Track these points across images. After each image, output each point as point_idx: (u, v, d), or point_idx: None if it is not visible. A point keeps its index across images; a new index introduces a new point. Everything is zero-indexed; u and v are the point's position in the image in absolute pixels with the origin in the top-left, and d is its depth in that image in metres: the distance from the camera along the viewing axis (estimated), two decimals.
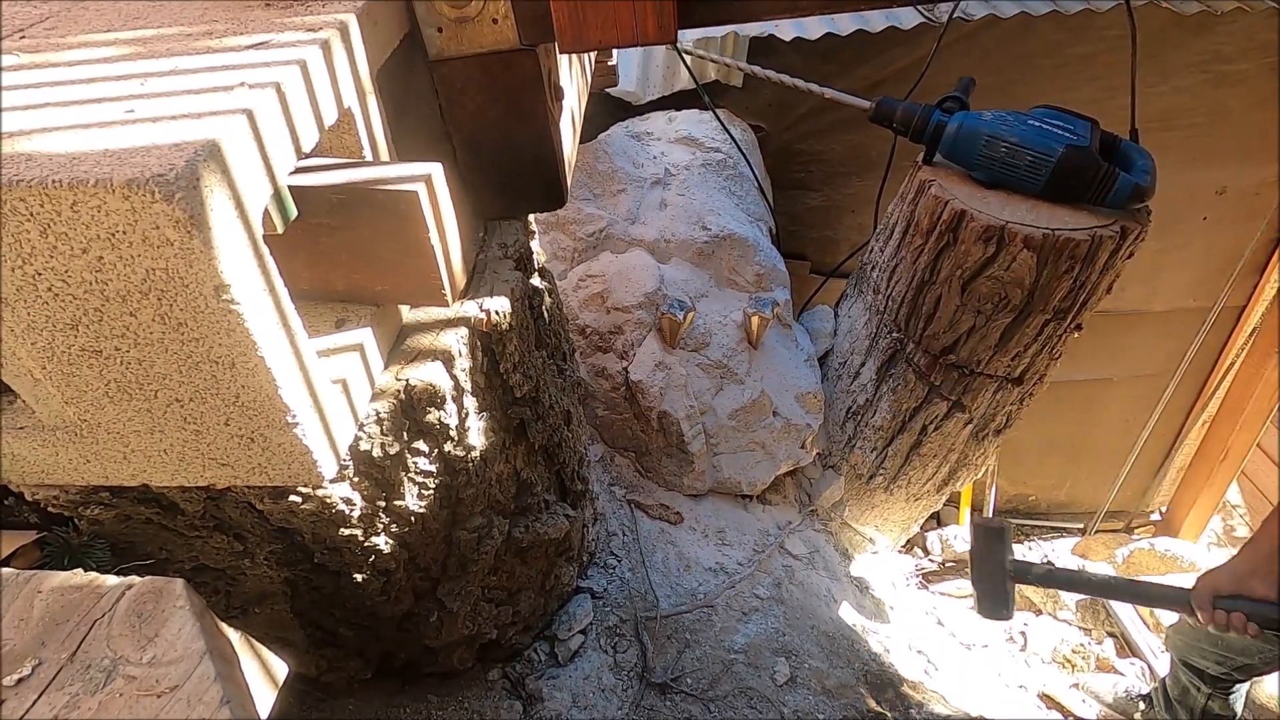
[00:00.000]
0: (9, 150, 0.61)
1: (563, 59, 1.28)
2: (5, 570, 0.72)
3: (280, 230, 0.74)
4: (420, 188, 0.82)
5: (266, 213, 0.70)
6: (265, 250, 0.67)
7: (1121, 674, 2.54)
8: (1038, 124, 1.61)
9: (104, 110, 0.67)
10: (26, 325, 0.66)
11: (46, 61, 0.78)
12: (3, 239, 0.60)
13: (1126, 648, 2.66)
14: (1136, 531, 4.17)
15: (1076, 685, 2.46)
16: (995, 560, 1.56)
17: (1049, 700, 2.41)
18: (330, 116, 0.80)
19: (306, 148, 0.75)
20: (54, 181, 0.57)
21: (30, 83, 0.73)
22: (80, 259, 0.61)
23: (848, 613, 2.10)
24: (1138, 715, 2.21)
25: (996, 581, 1.55)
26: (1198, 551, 3.19)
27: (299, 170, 0.80)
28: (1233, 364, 3.55)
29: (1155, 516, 4.19)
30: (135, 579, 0.67)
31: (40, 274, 0.63)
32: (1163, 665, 2.49)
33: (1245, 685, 1.84)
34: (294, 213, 0.76)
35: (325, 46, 0.78)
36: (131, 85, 0.72)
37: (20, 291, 0.64)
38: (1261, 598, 1.30)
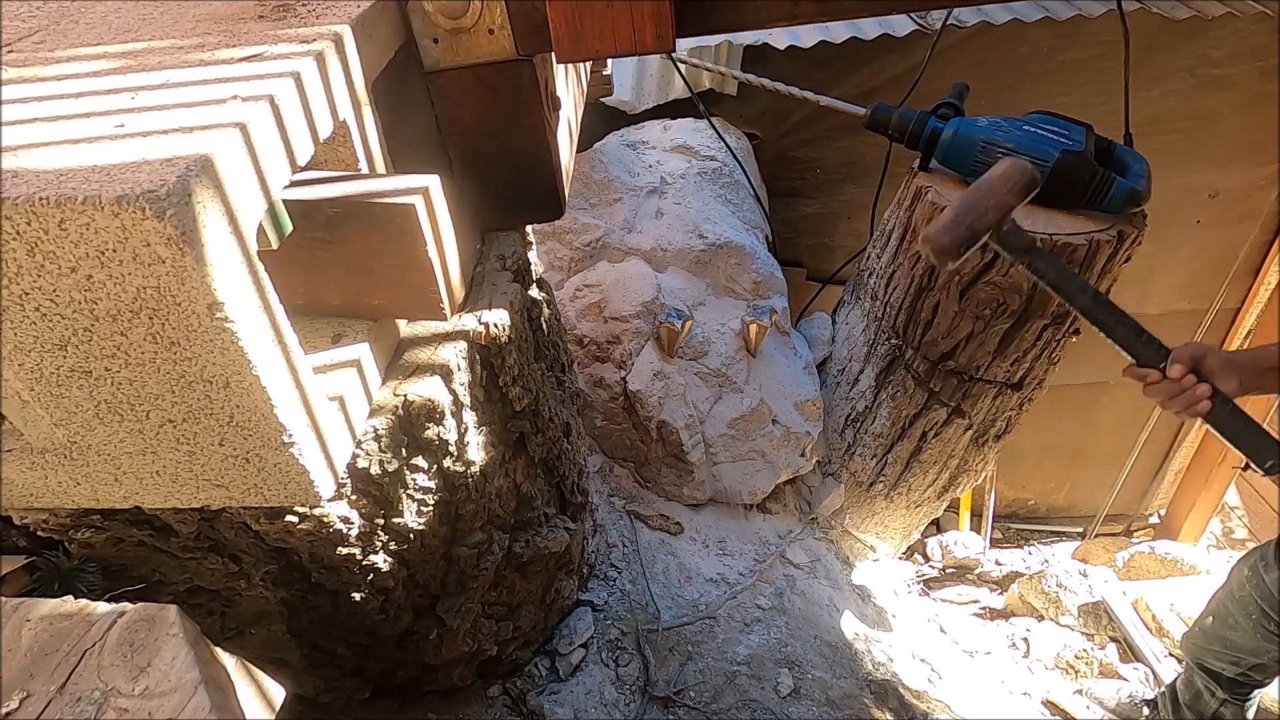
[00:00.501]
0: None
1: (559, 69, 1.27)
2: None
3: (275, 246, 0.72)
4: (417, 200, 0.81)
5: (260, 228, 0.68)
6: (259, 266, 0.66)
7: (1125, 679, 2.52)
8: (1033, 129, 1.61)
9: (93, 125, 0.66)
10: (13, 346, 0.65)
11: (35, 76, 0.76)
12: None
13: (1130, 653, 2.65)
14: (1136, 534, 4.17)
15: (1080, 691, 2.44)
16: (999, 198, 1.13)
17: (1053, 707, 2.39)
18: (325, 129, 0.79)
19: (301, 161, 0.74)
20: (41, 199, 0.56)
21: (17, 98, 0.72)
22: (69, 278, 0.60)
23: (850, 622, 2.08)
24: None
25: (977, 215, 1.13)
26: (1198, 554, 3.18)
27: (294, 184, 0.79)
28: None
29: (1154, 519, 4.19)
30: (127, 606, 0.65)
31: (28, 294, 0.61)
32: (1166, 670, 2.48)
33: (1260, 693, 1.82)
34: (289, 227, 0.75)
35: (319, 58, 0.77)
36: (122, 99, 0.70)
37: (7, 312, 0.62)
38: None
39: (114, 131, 0.64)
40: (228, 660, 0.68)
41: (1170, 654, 2.54)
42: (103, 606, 0.65)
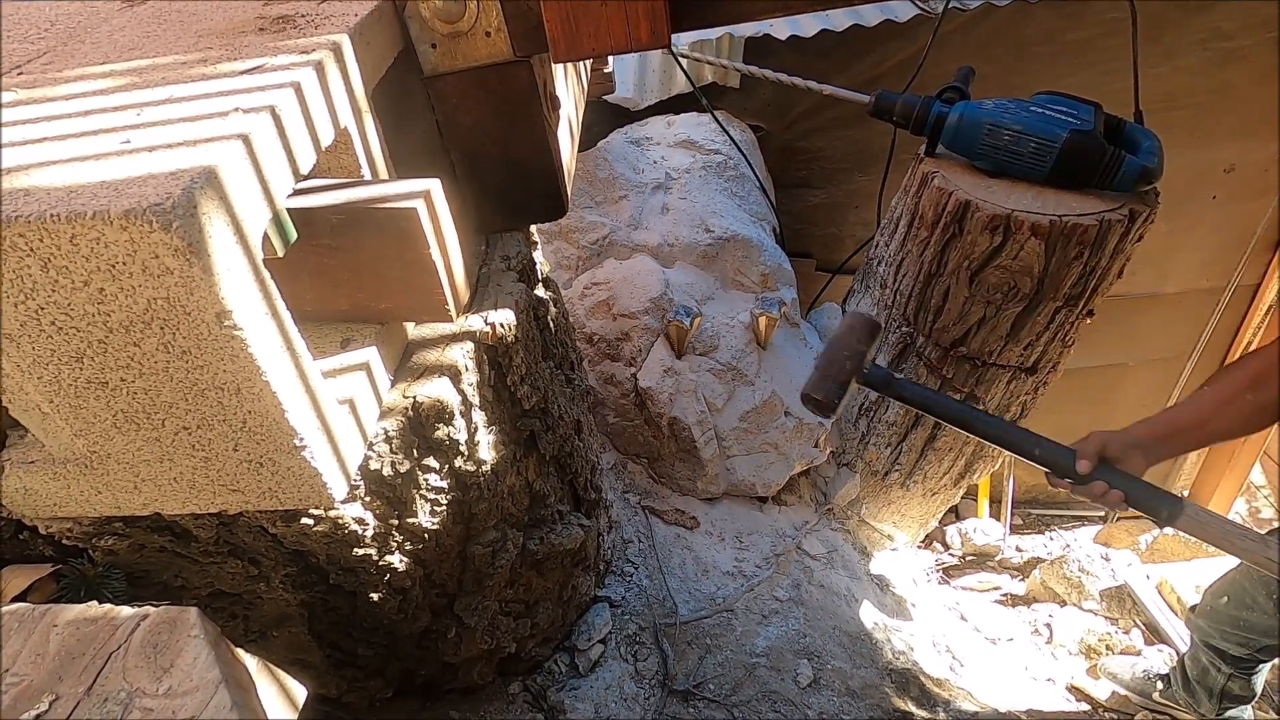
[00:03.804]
0: (8, 186, 0.61)
1: (558, 69, 1.28)
2: (22, 605, 0.72)
3: (280, 253, 0.74)
4: (419, 204, 0.82)
5: (266, 237, 0.70)
6: (266, 274, 0.67)
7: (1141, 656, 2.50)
8: (1040, 110, 1.59)
9: (101, 142, 0.67)
10: (32, 360, 0.66)
11: (44, 96, 0.78)
12: (5, 275, 0.60)
13: (1154, 636, 2.62)
14: None
15: (1094, 666, 2.42)
16: (852, 349, 1.27)
17: (1078, 692, 2.37)
18: (327, 137, 0.80)
19: (304, 169, 0.75)
20: (52, 216, 0.57)
21: (28, 118, 0.73)
22: (82, 291, 0.61)
23: (869, 611, 2.07)
24: (1155, 694, 2.18)
25: (840, 369, 1.26)
26: None
27: (298, 192, 0.80)
28: (1250, 343, 3.49)
29: None
30: (149, 609, 0.67)
31: (43, 308, 0.63)
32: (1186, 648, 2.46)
33: (1267, 665, 1.81)
34: (293, 235, 0.76)
35: (319, 68, 0.78)
36: (128, 116, 0.72)
37: (24, 327, 0.64)
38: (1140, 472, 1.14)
39: (121, 147, 0.66)
40: (249, 660, 0.70)
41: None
42: (126, 610, 0.67)
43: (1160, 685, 2.17)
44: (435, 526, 1.02)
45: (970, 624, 2.53)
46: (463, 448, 1.00)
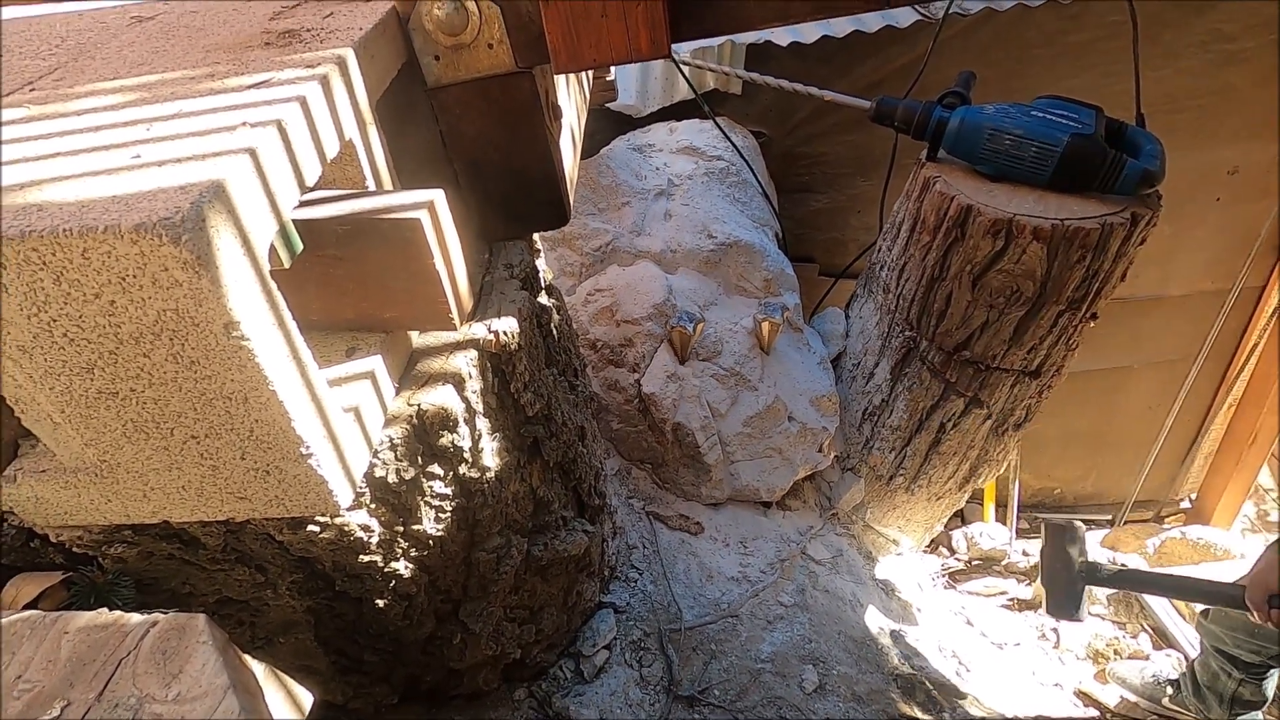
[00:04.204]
0: (21, 202, 0.63)
1: (559, 78, 1.29)
2: (33, 612, 0.73)
3: (286, 264, 0.75)
4: (423, 214, 0.83)
5: (273, 248, 0.71)
6: (273, 285, 0.68)
7: (1149, 660, 2.48)
8: (1041, 114, 1.60)
9: (111, 157, 0.69)
10: (44, 371, 0.68)
11: (55, 112, 0.79)
12: (19, 289, 0.61)
13: (1162, 640, 2.61)
14: (1167, 520, 4.09)
15: (1102, 671, 2.41)
16: (1065, 560, 1.54)
17: (1086, 697, 2.36)
18: (332, 149, 0.82)
19: (310, 181, 0.76)
20: (65, 230, 0.58)
21: (40, 134, 0.75)
22: (93, 304, 0.63)
23: (874, 616, 2.07)
24: (1165, 700, 2.17)
25: (1067, 582, 1.54)
26: (1231, 538, 3.12)
27: (303, 204, 0.82)
28: (1256, 345, 3.48)
29: (1185, 505, 4.11)
30: (159, 616, 0.68)
31: (55, 320, 0.64)
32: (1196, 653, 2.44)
33: (1278, 671, 1.80)
34: (299, 247, 0.77)
35: (324, 82, 0.80)
36: (137, 130, 0.73)
37: (37, 339, 0.65)
38: None
39: (131, 162, 0.67)
40: (256, 667, 0.71)
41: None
42: (136, 617, 0.68)
43: (1170, 690, 2.16)
44: (440, 533, 1.03)
45: (977, 629, 2.52)
46: (467, 454, 1.01)
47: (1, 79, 0.90)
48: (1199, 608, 2.20)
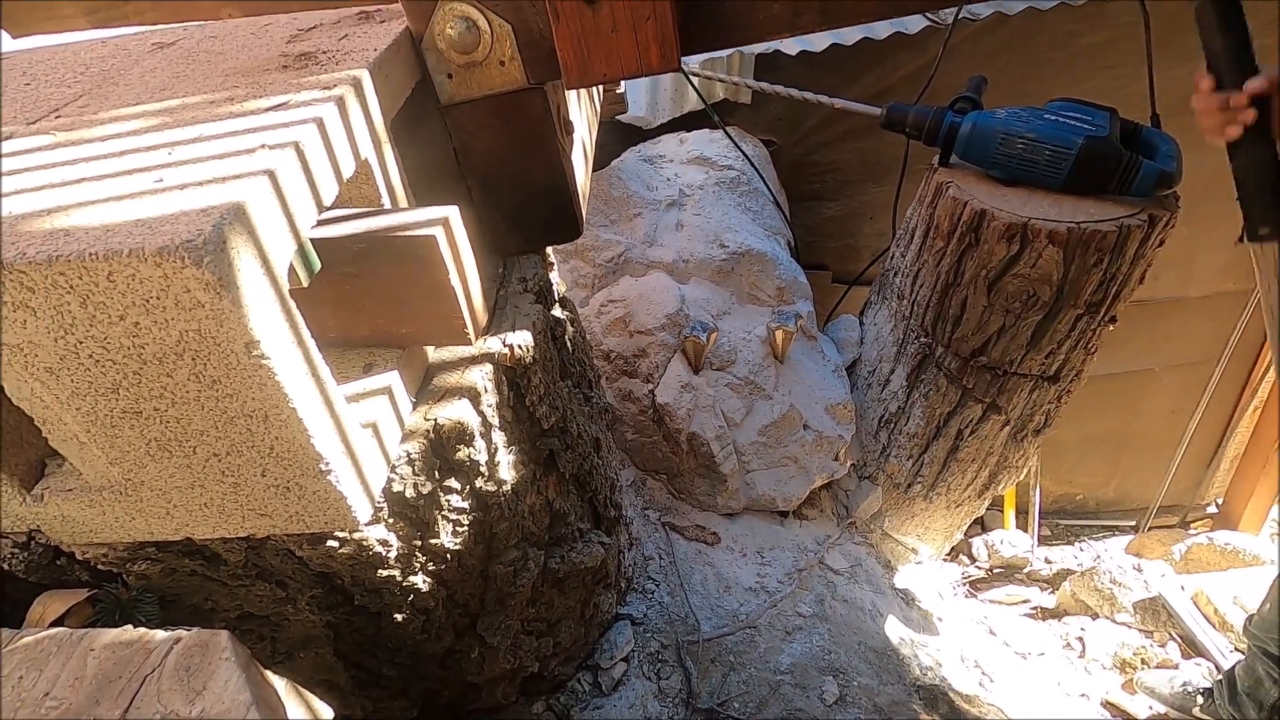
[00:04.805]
0: (49, 227, 0.64)
1: (570, 93, 1.30)
2: (60, 629, 0.74)
3: (305, 283, 0.76)
4: (438, 231, 0.84)
5: (291, 267, 0.72)
6: (292, 304, 0.69)
7: (1178, 669, 2.43)
8: (1054, 117, 1.59)
9: (135, 181, 0.70)
10: (71, 391, 0.69)
11: (81, 139, 0.81)
12: (45, 312, 0.63)
13: (1191, 648, 2.55)
14: (1193, 526, 4.01)
15: (1130, 681, 2.36)
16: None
17: (1114, 708, 2.31)
18: (348, 169, 0.83)
19: (327, 201, 0.78)
20: (90, 254, 0.60)
21: (65, 160, 0.77)
22: (118, 326, 0.64)
23: (895, 626, 2.05)
24: (1196, 710, 2.11)
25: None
26: (1260, 543, 3.05)
27: (321, 223, 0.83)
28: None
29: (1212, 509, 4.03)
30: (182, 633, 0.69)
31: (82, 342, 0.65)
32: (1229, 665, 2.39)
33: None
34: (317, 265, 0.78)
35: (340, 103, 0.81)
36: (160, 155, 0.75)
37: (64, 360, 0.66)
38: None
39: (154, 186, 0.69)
40: (278, 682, 0.71)
41: (1235, 649, 2.43)
42: (160, 634, 0.69)
43: (1201, 700, 2.11)
44: (457, 547, 1.03)
45: (999, 638, 2.48)
46: (483, 468, 1.02)
47: (27, 107, 0.93)
48: (1232, 618, 2.15)
